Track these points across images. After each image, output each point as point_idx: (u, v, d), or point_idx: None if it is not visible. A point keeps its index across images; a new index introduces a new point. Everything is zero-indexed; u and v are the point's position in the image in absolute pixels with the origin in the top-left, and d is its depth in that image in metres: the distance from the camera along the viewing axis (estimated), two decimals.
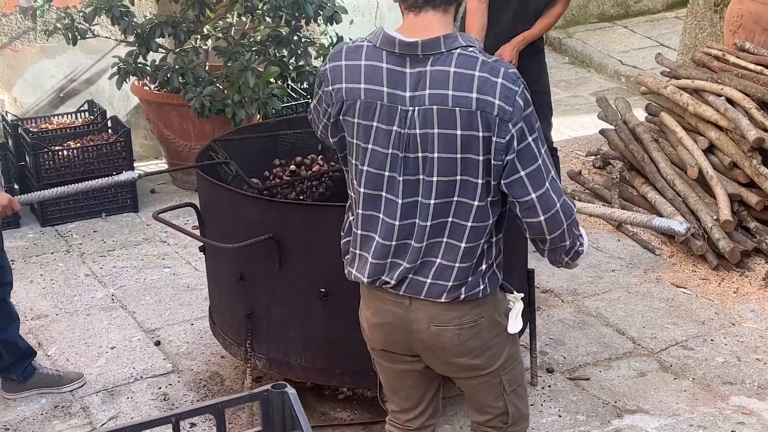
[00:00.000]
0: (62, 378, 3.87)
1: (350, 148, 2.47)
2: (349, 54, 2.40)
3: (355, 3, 6.69)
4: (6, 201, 3.35)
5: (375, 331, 2.61)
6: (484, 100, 2.29)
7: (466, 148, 2.33)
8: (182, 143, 5.91)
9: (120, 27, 5.67)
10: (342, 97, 2.41)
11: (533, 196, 2.38)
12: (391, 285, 2.48)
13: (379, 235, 2.46)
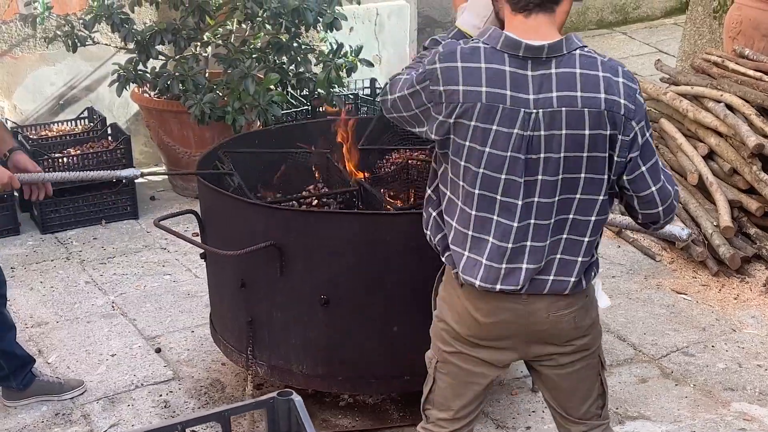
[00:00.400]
0: (62, 385, 3.87)
1: (459, 150, 2.43)
2: (465, 56, 2.39)
3: (354, 10, 6.70)
4: (6, 179, 3.34)
5: (487, 328, 2.57)
6: (611, 100, 2.37)
7: (592, 146, 2.39)
8: (182, 150, 5.91)
9: (120, 34, 5.67)
10: (457, 100, 2.38)
11: (653, 189, 2.50)
12: (517, 290, 2.48)
13: (494, 237, 2.45)
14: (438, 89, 2.40)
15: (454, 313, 2.62)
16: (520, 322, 2.54)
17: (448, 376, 2.70)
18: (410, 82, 2.47)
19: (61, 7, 6.09)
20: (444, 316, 2.66)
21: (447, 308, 2.64)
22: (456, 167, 2.46)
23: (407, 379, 3.46)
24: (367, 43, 6.75)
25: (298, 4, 5.58)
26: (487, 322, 2.56)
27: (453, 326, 2.62)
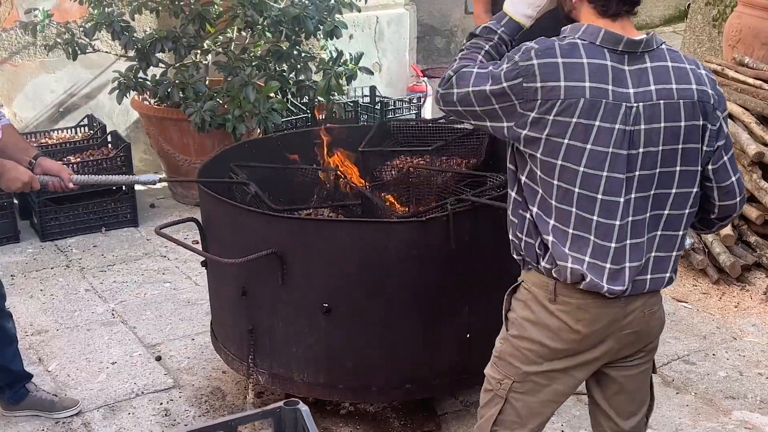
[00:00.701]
0: (55, 404, 3.82)
1: (554, 148, 2.37)
2: (565, 51, 2.35)
3: (354, 18, 6.71)
4: (27, 178, 3.35)
5: (587, 338, 2.51)
6: (702, 91, 2.40)
7: (687, 138, 2.40)
8: (182, 158, 5.91)
9: (120, 42, 5.68)
10: (557, 96, 2.33)
11: (733, 179, 2.53)
12: (623, 291, 2.44)
13: (596, 236, 2.41)
14: (534, 86, 2.35)
15: (545, 331, 2.53)
16: (618, 325, 2.50)
17: (528, 395, 2.61)
18: (492, 76, 2.41)
19: (61, 15, 6.11)
20: (530, 335, 2.55)
21: (533, 327, 2.55)
22: (548, 166, 2.39)
23: (408, 387, 3.46)
24: (367, 51, 6.76)
25: (299, 12, 5.60)
26: (588, 332, 2.49)
27: (546, 343, 2.53)
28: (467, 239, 3.32)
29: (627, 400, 2.71)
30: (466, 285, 3.40)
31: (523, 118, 2.38)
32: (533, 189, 2.45)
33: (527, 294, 2.57)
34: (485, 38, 2.60)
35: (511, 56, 2.41)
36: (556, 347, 2.52)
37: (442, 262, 3.31)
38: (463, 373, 3.52)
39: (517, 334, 2.59)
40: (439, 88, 2.53)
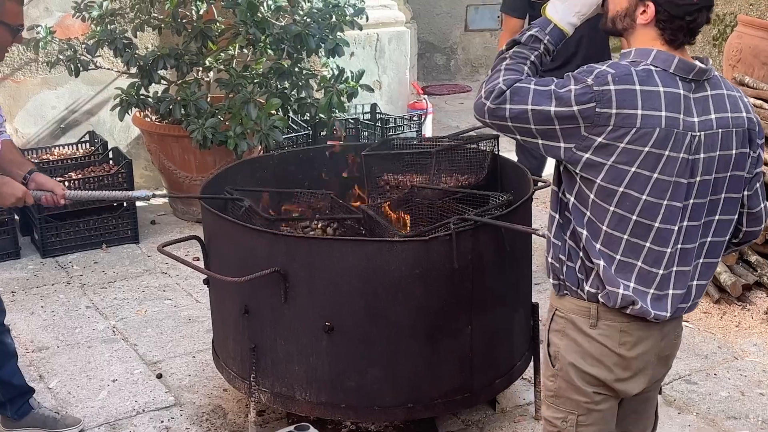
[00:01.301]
0: (57, 421, 3.81)
1: (619, 175, 2.31)
2: (642, 79, 2.29)
3: (355, 35, 6.73)
4: (21, 193, 3.35)
5: (631, 363, 2.49)
6: (750, 119, 2.42)
7: (735, 165, 2.40)
8: (183, 174, 5.92)
9: (123, 59, 5.70)
10: (633, 124, 2.27)
11: (762, 205, 2.55)
12: (665, 318, 2.43)
13: (643, 262, 2.38)
14: (608, 112, 2.27)
15: (588, 359, 2.48)
16: (656, 348, 2.50)
17: (597, 425, 2.58)
18: (558, 97, 2.31)
19: (63, 31, 6.13)
20: (576, 364, 2.50)
21: (576, 356, 2.50)
22: (606, 192, 2.34)
23: (410, 406, 3.45)
24: (367, 68, 6.78)
25: (301, 30, 5.62)
26: (631, 356, 2.47)
27: (591, 371, 2.49)
28: (470, 258, 3.32)
29: (636, 420, 2.71)
30: (469, 304, 3.40)
31: (586, 142, 2.31)
32: (580, 211, 2.41)
33: (563, 322, 2.52)
34: (530, 47, 2.49)
35: (580, 78, 2.31)
36: (600, 375, 2.48)
37: (444, 281, 3.31)
38: (465, 392, 3.51)
39: (562, 367, 2.53)
40: (486, 101, 2.40)
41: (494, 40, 10.46)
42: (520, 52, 2.48)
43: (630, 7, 2.38)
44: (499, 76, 2.40)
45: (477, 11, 10.37)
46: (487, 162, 4.02)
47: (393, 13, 7.52)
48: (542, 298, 4.81)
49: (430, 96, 8.29)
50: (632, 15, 2.38)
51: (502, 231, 3.40)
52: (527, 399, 3.99)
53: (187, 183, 5.92)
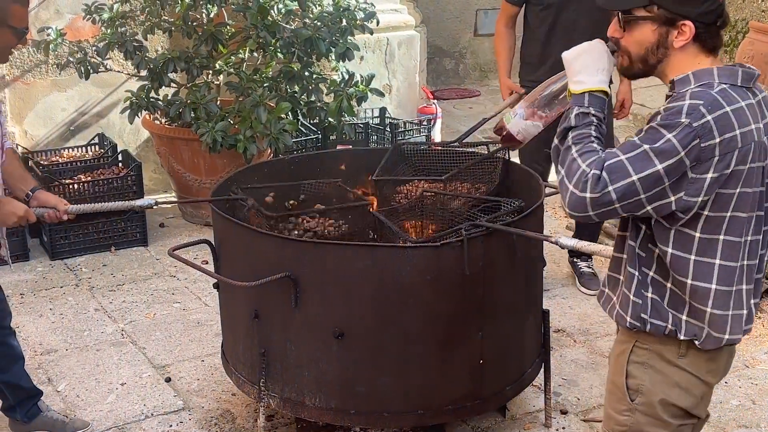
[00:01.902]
0: (66, 424, 3.80)
1: (726, 202, 2.23)
2: (726, 98, 2.20)
3: (365, 39, 6.72)
4: (22, 212, 3.34)
5: (710, 389, 2.45)
6: None
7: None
8: (192, 177, 5.92)
9: (133, 62, 5.70)
10: (735, 145, 2.18)
11: None
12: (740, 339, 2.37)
13: (737, 284, 2.31)
14: (712, 143, 2.16)
15: (675, 389, 2.39)
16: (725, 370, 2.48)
17: None
18: (659, 153, 2.15)
19: (73, 33, 6.13)
20: (660, 396, 2.40)
21: (662, 387, 2.39)
22: (712, 222, 2.24)
23: (420, 413, 3.44)
24: (377, 73, 6.77)
25: (311, 34, 5.61)
26: (715, 382, 2.44)
27: (677, 402, 2.40)
28: (481, 265, 3.31)
29: None
30: (480, 311, 3.39)
31: (696, 184, 2.19)
32: (683, 258, 2.27)
33: (647, 354, 2.41)
34: (584, 124, 2.32)
35: (671, 122, 2.17)
36: (685, 404, 2.41)
37: (456, 287, 3.30)
38: (475, 399, 3.50)
39: (646, 401, 2.42)
40: (584, 193, 2.20)
41: None
42: (579, 134, 2.31)
43: (661, 37, 2.29)
44: (580, 165, 2.23)
45: (486, 15, 10.35)
46: (499, 171, 4.00)
47: (403, 17, 7.50)
48: (553, 305, 4.82)
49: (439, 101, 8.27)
50: (665, 43, 2.29)
51: (514, 237, 3.38)
52: (537, 406, 3.97)
53: (196, 186, 5.91)
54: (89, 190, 5.56)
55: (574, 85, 2.39)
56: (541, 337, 3.82)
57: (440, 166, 4.13)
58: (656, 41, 2.30)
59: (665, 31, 2.28)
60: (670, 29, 2.27)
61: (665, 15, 2.26)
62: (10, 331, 3.69)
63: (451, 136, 7.05)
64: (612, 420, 2.50)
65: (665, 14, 2.26)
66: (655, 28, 2.29)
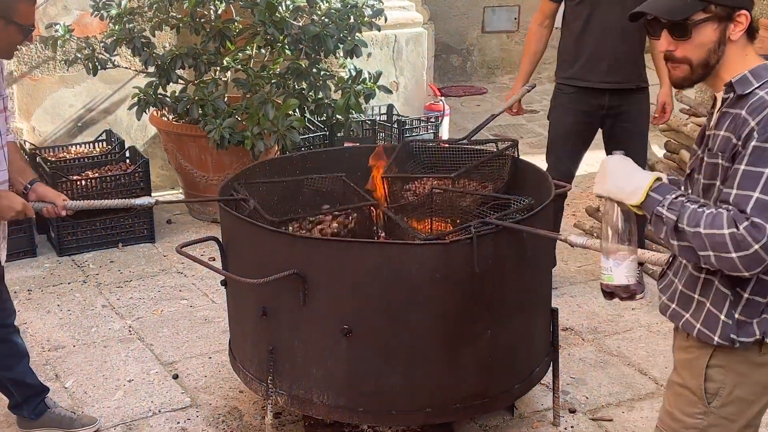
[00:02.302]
0: (74, 421, 3.80)
1: None
2: None
3: (373, 36, 6.71)
4: (20, 206, 3.31)
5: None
6: None
7: None
8: (200, 174, 5.91)
9: (141, 58, 5.69)
10: None
11: None
12: None
13: None
14: None
15: (756, 387, 2.36)
16: None
17: None
18: None
19: (81, 30, 6.13)
20: (742, 397, 2.36)
21: (749, 390, 2.36)
22: None
23: (429, 411, 3.42)
24: (385, 70, 6.76)
25: (319, 31, 5.60)
26: None
27: (754, 400, 2.38)
28: (491, 262, 3.29)
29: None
30: (489, 309, 3.37)
31: None
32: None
33: (728, 357, 2.35)
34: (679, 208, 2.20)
35: None
36: (762, 402, 2.39)
37: (465, 285, 3.29)
38: (484, 398, 3.48)
39: (724, 403, 2.37)
40: (752, 248, 2.09)
41: (511, 42, 10.43)
42: (687, 216, 2.18)
43: (720, 34, 2.25)
44: (722, 232, 2.11)
45: (494, 13, 10.34)
46: (508, 168, 3.99)
47: (411, 14, 7.49)
48: (561, 303, 4.80)
49: (447, 98, 8.25)
50: (724, 39, 2.26)
51: (524, 235, 3.37)
52: (545, 405, 3.96)
53: (203, 183, 5.91)
54: (97, 187, 5.55)
55: (631, 198, 2.29)
56: (550, 336, 3.80)
57: (449, 164, 4.11)
58: (717, 39, 2.26)
59: (724, 26, 2.25)
60: (728, 23, 2.25)
61: (724, 11, 2.24)
62: (14, 329, 3.68)
63: (459, 133, 7.04)
64: (678, 423, 2.46)
65: (724, 10, 2.24)
66: (716, 26, 2.25)
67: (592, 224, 5.76)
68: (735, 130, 2.20)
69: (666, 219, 2.21)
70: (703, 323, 2.34)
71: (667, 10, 2.29)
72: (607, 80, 4.68)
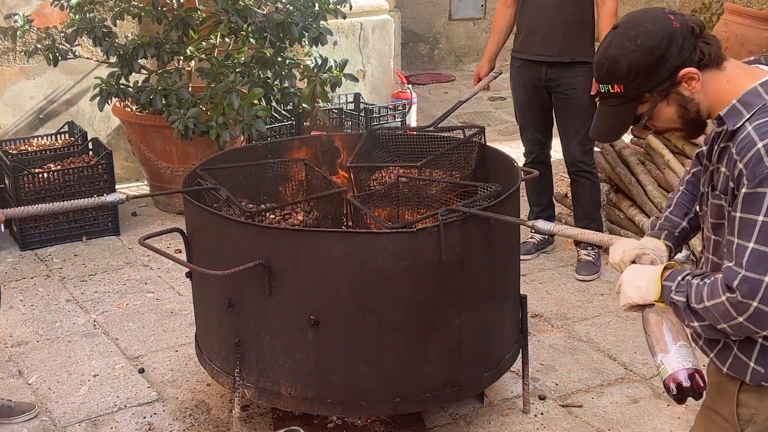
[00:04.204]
0: (12, 409, 3.75)
1: None
2: None
3: (338, 24, 6.66)
4: None
5: None
6: None
7: None
8: (164, 165, 5.84)
9: (102, 48, 5.60)
10: None
11: None
12: None
13: None
14: None
15: None
16: None
17: None
18: None
19: (41, 20, 6.02)
20: None
21: None
22: None
23: (398, 401, 3.39)
24: (351, 57, 6.71)
25: (284, 19, 5.54)
26: None
27: None
28: (458, 250, 3.27)
29: None
30: (457, 297, 3.35)
31: None
32: None
33: None
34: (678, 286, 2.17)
35: (763, 175, 1.99)
36: None
37: (432, 273, 3.26)
38: (453, 386, 3.46)
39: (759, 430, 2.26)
40: (750, 307, 2.01)
41: (478, 29, 10.40)
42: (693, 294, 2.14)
43: (680, 101, 2.15)
44: (722, 301, 2.06)
45: (460, 0, 10.30)
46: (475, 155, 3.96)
47: (376, 2, 7.44)
48: (530, 290, 4.79)
49: (414, 86, 8.22)
50: (686, 100, 2.15)
51: (491, 222, 3.34)
52: (515, 392, 3.95)
53: (168, 174, 5.84)
54: (59, 180, 5.47)
55: (651, 296, 2.23)
56: (519, 323, 3.78)
57: (416, 152, 4.08)
58: (678, 106, 2.17)
59: (676, 94, 2.15)
60: (678, 89, 2.14)
61: (663, 90, 2.14)
62: None
63: (426, 121, 7.00)
64: None
65: (662, 90, 2.14)
66: (666, 102, 2.17)
67: (560, 210, 5.75)
68: (729, 169, 2.10)
69: (678, 303, 2.16)
70: (731, 367, 2.24)
71: (610, 131, 2.27)
72: (540, 53, 4.91)
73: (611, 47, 2.16)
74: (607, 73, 2.17)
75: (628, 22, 2.19)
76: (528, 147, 5.23)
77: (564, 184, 6.19)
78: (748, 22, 5.72)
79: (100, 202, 3.56)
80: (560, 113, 5.02)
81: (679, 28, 2.12)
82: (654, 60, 2.11)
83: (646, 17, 2.18)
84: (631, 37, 2.13)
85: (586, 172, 5.05)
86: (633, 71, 2.13)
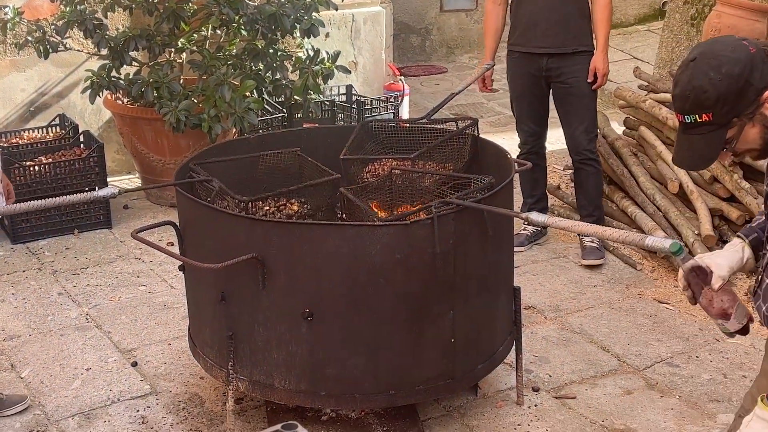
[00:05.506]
0: (3, 401, 3.75)
1: None
2: None
3: (330, 16, 6.64)
4: None
5: None
6: None
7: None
8: (156, 158, 5.82)
9: (93, 40, 5.58)
10: None
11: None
12: None
13: None
14: None
15: None
16: None
17: None
18: None
19: (32, 12, 5.99)
20: None
21: None
22: None
23: (392, 393, 3.39)
24: (343, 49, 6.69)
25: (275, 10, 5.52)
26: None
27: None
28: (452, 242, 3.26)
29: None
30: (451, 289, 3.34)
31: None
32: None
33: None
34: None
35: None
36: None
37: (426, 265, 3.25)
38: (447, 378, 3.46)
39: None
40: None
41: (470, 21, 10.38)
42: None
43: (764, 124, 2.26)
44: None
45: None
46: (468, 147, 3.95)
47: None
48: (523, 282, 4.79)
49: (406, 77, 8.20)
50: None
51: (485, 214, 3.34)
52: (509, 384, 3.95)
53: (160, 167, 5.82)
54: (51, 172, 5.44)
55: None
56: (513, 315, 3.78)
57: (409, 144, 4.07)
58: (762, 127, 2.27)
59: (760, 115, 2.25)
60: (762, 110, 2.24)
61: (750, 113, 2.24)
62: None
63: (419, 113, 6.99)
64: None
65: (749, 114, 2.24)
66: (752, 125, 2.27)
67: (553, 202, 5.75)
68: None
69: None
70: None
71: (700, 159, 2.34)
72: (541, 45, 4.95)
73: (694, 79, 2.23)
74: (693, 103, 2.25)
75: (706, 54, 2.26)
76: (523, 138, 5.23)
77: (556, 176, 6.19)
78: (740, 13, 5.72)
79: (92, 197, 3.54)
80: (562, 103, 5.05)
81: (757, 53, 2.22)
82: (741, 86, 2.20)
83: (724, 46, 2.26)
84: (714, 67, 2.21)
85: (591, 159, 5.08)
86: (722, 99, 2.21)
